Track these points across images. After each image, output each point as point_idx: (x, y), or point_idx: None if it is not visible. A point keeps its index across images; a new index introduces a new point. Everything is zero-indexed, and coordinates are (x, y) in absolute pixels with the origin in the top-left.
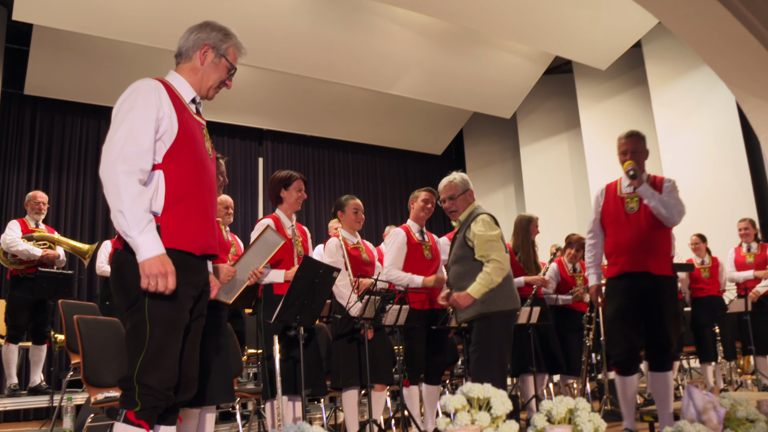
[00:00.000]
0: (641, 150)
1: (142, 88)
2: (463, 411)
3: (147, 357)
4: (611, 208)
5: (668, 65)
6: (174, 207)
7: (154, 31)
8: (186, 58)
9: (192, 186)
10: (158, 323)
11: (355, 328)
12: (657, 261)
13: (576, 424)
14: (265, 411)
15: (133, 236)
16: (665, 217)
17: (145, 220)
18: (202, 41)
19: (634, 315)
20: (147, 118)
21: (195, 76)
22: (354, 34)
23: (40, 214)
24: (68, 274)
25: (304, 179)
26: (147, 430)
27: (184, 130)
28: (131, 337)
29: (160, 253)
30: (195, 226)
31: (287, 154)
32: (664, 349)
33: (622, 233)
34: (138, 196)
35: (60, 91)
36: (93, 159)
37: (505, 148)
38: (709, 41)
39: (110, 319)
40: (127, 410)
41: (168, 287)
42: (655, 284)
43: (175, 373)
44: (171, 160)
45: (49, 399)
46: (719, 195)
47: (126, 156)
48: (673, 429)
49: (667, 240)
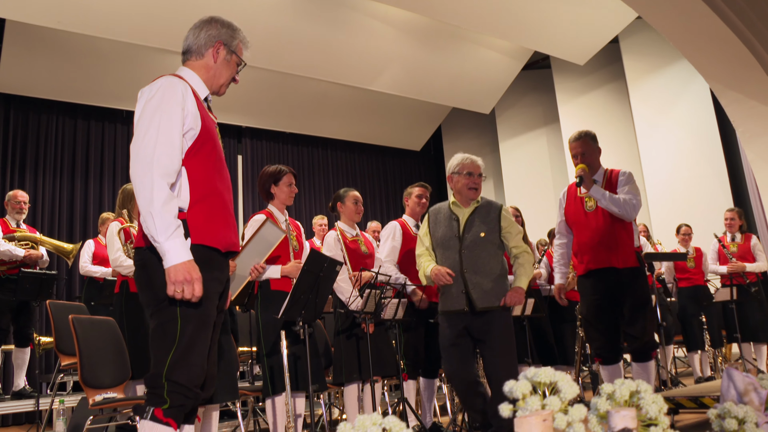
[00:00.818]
0: (591, 150)
1: (167, 85)
2: (531, 396)
3: (177, 354)
4: (572, 209)
5: (645, 60)
6: (199, 204)
7: (132, 28)
8: (198, 55)
9: (214, 183)
10: (190, 320)
11: (356, 322)
12: (619, 255)
13: (640, 406)
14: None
15: (161, 242)
16: (619, 214)
17: (173, 226)
18: (214, 38)
19: (606, 310)
20: (175, 118)
21: (208, 74)
22: (334, 31)
23: (21, 213)
24: (51, 275)
25: (294, 173)
26: (175, 428)
27: (206, 127)
28: (159, 334)
29: (186, 259)
30: (219, 223)
31: (266, 151)
32: (637, 338)
33: (583, 232)
34: (168, 201)
35: (34, 89)
36: (69, 158)
37: (484, 143)
38: (689, 36)
39: (105, 319)
40: (154, 408)
41: (195, 294)
42: (621, 277)
43: (203, 371)
44: (193, 157)
45: (34, 403)
46: (696, 187)
47: (159, 158)
48: (719, 411)
49: (628, 233)
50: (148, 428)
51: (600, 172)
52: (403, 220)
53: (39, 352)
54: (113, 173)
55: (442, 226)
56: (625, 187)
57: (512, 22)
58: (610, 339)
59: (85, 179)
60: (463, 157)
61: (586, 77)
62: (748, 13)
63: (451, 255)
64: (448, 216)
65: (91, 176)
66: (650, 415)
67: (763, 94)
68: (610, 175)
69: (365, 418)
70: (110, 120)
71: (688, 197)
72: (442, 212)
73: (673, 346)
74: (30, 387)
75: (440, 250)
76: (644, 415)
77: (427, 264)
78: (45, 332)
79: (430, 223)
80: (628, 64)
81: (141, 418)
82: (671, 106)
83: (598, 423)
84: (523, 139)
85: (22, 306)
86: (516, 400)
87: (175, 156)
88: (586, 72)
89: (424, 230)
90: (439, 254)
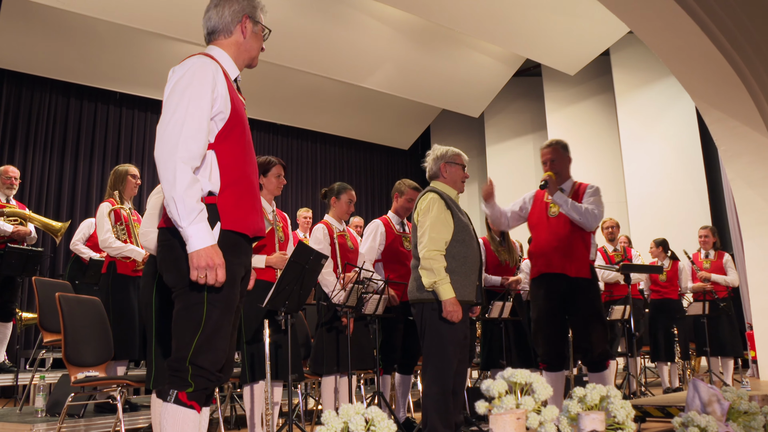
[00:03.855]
0: (561, 158)
1: (198, 66)
2: (508, 395)
3: (202, 338)
4: (536, 211)
5: (634, 74)
6: (230, 189)
7: (130, 11)
8: (226, 33)
9: (244, 167)
10: (216, 304)
11: (337, 315)
12: (573, 264)
13: (609, 410)
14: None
15: (184, 226)
16: (581, 222)
17: (196, 211)
18: (239, 13)
19: (555, 318)
20: (205, 100)
21: (239, 50)
22: (329, 26)
23: (12, 189)
24: (38, 251)
25: (284, 164)
26: (198, 411)
27: (236, 110)
28: (184, 317)
29: (210, 244)
30: (248, 208)
31: (256, 141)
32: (587, 349)
33: (542, 234)
34: (191, 185)
35: (29, 65)
36: (60, 136)
37: (472, 146)
38: (678, 53)
39: (91, 298)
40: (179, 391)
41: (218, 280)
42: (573, 286)
43: (225, 355)
44: (223, 141)
45: (13, 378)
46: (677, 202)
47: (185, 141)
48: (683, 419)
49: (585, 245)
50: (173, 411)
51: (569, 182)
52: (387, 217)
53: (20, 328)
54: (103, 153)
55: (458, 213)
56: (590, 198)
57: (506, 29)
58: (557, 346)
59: (75, 158)
60: (458, 150)
61: (575, 87)
62: (737, 37)
63: (474, 246)
64: (456, 204)
65: (81, 155)
66: (618, 419)
67: (746, 115)
68: (578, 188)
69: (349, 407)
70: (103, 101)
71: (667, 211)
72: (449, 199)
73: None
74: (10, 362)
75: (461, 238)
76: (612, 419)
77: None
78: (27, 308)
79: (449, 206)
80: (618, 77)
81: (164, 401)
82: (657, 121)
83: (568, 424)
84: (510, 145)
85: (7, 281)
86: (492, 398)
87: (201, 140)
88: (576, 82)
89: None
90: (458, 242)
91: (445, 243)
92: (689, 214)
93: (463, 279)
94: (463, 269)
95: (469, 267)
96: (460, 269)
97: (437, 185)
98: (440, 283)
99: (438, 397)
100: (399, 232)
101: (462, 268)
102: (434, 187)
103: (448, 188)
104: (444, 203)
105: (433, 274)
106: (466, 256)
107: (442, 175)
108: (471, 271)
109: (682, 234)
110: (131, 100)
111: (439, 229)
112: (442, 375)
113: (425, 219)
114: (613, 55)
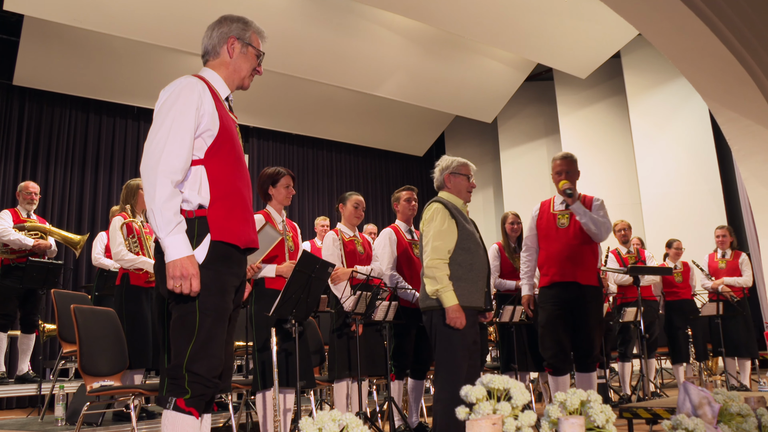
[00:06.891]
0: (573, 171)
1: (184, 86)
2: (485, 401)
3: (197, 346)
4: (544, 224)
5: (645, 76)
6: (219, 202)
7: (145, 26)
8: (214, 54)
9: (234, 181)
10: (208, 313)
11: (347, 322)
12: (584, 272)
13: (589, 414)
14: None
15: (161, 237)
16: (594, 233)
17: (173, 223)
18: (226, 35)
19: (563, 321)
20: (188, 117)
21: (227, 70)
22: (342, 36)
23: (32, 204)
24: (58, 264)
25: (292, 175)
26: (197, 417)
27: (225, 127)
28: (179, 326)
29: (185, 255)
30: (239, 220)
31: (273, 151)
32: (588, 352)
33: (553, 245)
34: (170, 199)
35: (49, 83)
36: (80, 151)
37: (485, 151)
38: (687, 54)
39: (105, 309)
40: (177, 398)
41: (192, 290)
42: (582, 293)
43: (221, 362)
44: (213, 157)
45: (36, 387)
46: (691, 203)
47: (166, 157)
48: (672, 422)
49: (593, 253)
50: (172, 417)
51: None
52: (396, 225)
53: (43, 339)
54: (122, 167)
55: (463, 221)
56: (601, 212)
57: (516, 34)
58: (564, 350)
59: (95, 172)
60: (464, 160)
61: (587, 90)
62: (746, 34)
63: (481, 253)
64: (462, 214)
65: (101, 170)
66: (597, 424)
67: (759, 114)
68: (584, 199)
69: (325, 414)
70: (121, 115)
71: (682, 212)
72: (454, 209)
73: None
74: (33, 372)
75: (467, 246)
76: (592, 423)
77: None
78: (50, 320)
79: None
80: (629, 79)
81: (164, 408)
82: (670, 122)
83: (549, 429)
84: (523, 149)
85: (29, 293)
86: (472, 404)
87: (183, 156)
88: (588, 85)
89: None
90: (463, 250)
91: (448, 251)
92: (704, 214)
93: (471, 285)
94: (470, 276)
95: (476, 274)
96: (466, 276)
97: (443, 195)
98: (443, 290)
99: (448, 402)
100: (409, 239)
101: (469, 275)
102: (440, 197)
103: (453, 198)
104: (448, 212)
105: (435, 282)
106: (472, 263)
107: (447, 185)
108: (478, 278)
109: (697, 234)
110: (149, 113)
111: (442, 237)
112: (453, 380)
113: (429, 228)
114: (624, 58)
